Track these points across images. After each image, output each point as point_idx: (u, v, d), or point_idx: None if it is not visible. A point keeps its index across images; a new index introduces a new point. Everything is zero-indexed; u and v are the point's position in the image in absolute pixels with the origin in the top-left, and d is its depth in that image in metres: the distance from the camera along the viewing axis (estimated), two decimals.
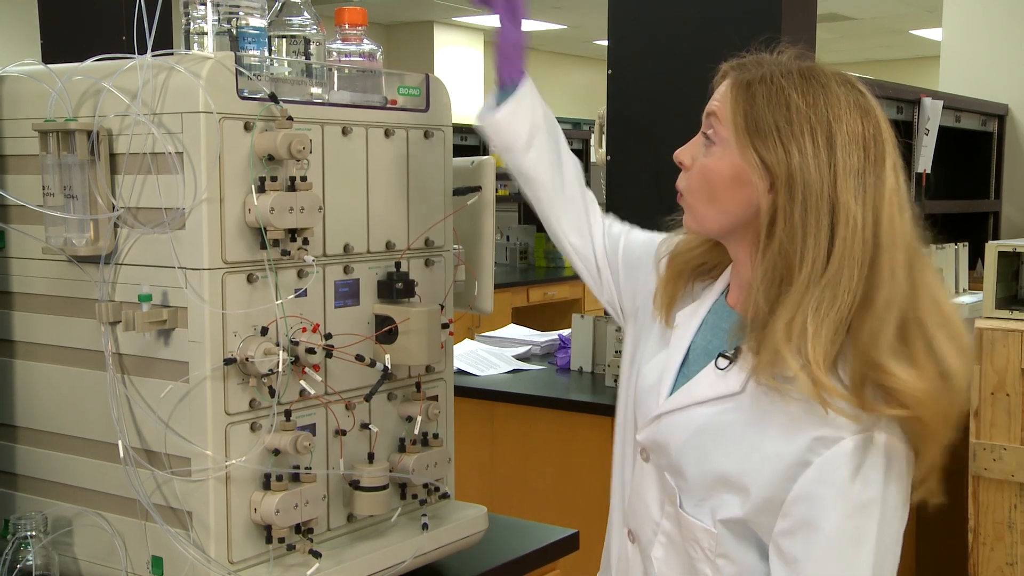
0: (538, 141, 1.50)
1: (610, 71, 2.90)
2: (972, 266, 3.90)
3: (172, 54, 1.35)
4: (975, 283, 3.75)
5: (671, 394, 1.31)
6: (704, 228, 1.28)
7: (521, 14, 1.50)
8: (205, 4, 1.40)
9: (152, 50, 1.34)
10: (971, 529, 2.66)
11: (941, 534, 3.13)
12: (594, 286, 1.55)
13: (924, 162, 3.65)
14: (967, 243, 3.82)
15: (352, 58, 1.58)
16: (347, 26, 1.58)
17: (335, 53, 1.58)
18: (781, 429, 1.18)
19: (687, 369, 1.31)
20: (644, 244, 1.50)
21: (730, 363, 1.25)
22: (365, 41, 1.59)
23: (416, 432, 1.58)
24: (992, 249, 2.80)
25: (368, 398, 1.51)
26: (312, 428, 1.45)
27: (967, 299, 3.57)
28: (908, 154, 3.58)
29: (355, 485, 1.50)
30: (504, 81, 1.51)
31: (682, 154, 1.29)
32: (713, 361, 1.27)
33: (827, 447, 1.15)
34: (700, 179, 1.26)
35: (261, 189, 1.34)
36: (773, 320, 1.16)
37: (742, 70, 1.24)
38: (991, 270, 2.77)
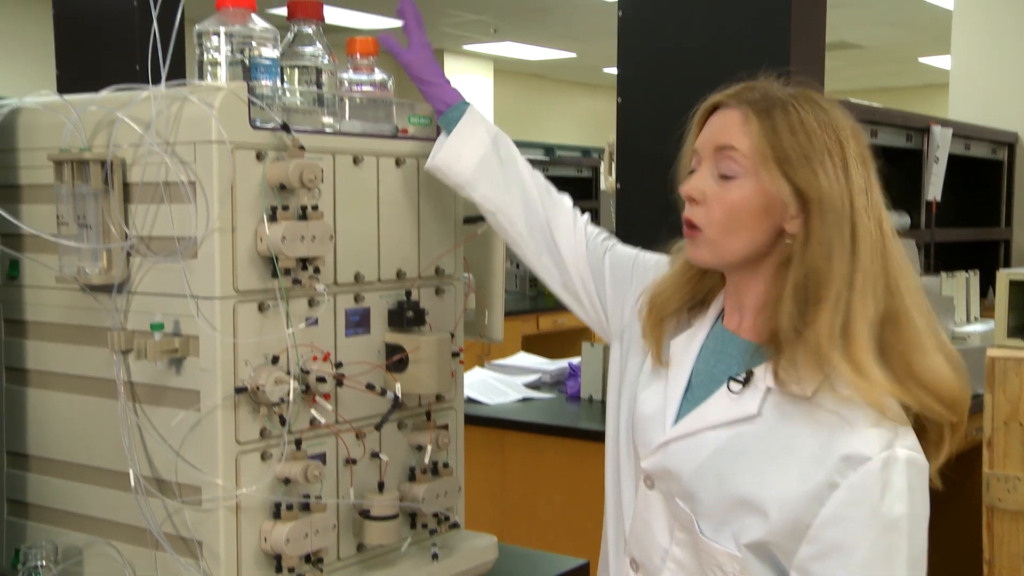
0: (487, 174, 1.50)
1: (620, 99, 2.91)
2: (983, 294, 3.89)
3: (185, 84, 1.36)
4: (986, 311, 3.73)
5: (677, 420, 1.30)
6: (723, 260, 1.27)
7: (417, 38, 1.53)
8: (218, 34, 1.41)
9: (166, 80, 1.35)
10: (986, 561, 2.63)
11: (956, 566, 3.10)
12: (573, 305, 1.52)
13: (934, 190, 3.64)
14: (978, 271, 3.81)
15: (363, 87, 1.59)
16: (358, 56, 1.60)
17: (346, 83, 1.59)
18: (806, 449, 1.19)
19: (691, 395, 1.31)
20: (629, 261, 1.49)
21: (743, 386, 1.25)
22: (376, 70, 1.60)
23: (426, 461, 1.58)
24: (1003, 277, 2.79)
25: (378, 427, 1.51)
26: (322, 457, 1.45)
27: (979, 327, 3.55)
28: (918, 182, 3.57)
29: (365, 514, 1.49)
30: (440, 109, 1.54)
31: (692, 189, 1.26)
32: (725, 385, 1.27)
33: (854, 468, 1.16)
34: (725, 212, 1.23)
35: (273, 218, 1.35)
36: (810, 333, 1.18)
37: (747, 100, 1.24)
38: (1002, 299, 2.76)
